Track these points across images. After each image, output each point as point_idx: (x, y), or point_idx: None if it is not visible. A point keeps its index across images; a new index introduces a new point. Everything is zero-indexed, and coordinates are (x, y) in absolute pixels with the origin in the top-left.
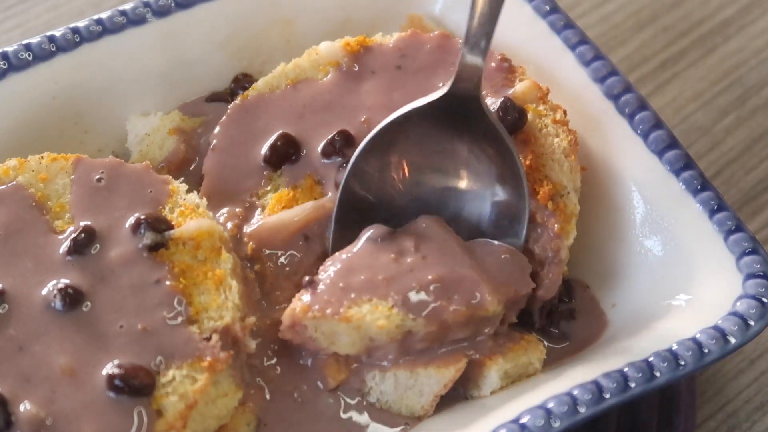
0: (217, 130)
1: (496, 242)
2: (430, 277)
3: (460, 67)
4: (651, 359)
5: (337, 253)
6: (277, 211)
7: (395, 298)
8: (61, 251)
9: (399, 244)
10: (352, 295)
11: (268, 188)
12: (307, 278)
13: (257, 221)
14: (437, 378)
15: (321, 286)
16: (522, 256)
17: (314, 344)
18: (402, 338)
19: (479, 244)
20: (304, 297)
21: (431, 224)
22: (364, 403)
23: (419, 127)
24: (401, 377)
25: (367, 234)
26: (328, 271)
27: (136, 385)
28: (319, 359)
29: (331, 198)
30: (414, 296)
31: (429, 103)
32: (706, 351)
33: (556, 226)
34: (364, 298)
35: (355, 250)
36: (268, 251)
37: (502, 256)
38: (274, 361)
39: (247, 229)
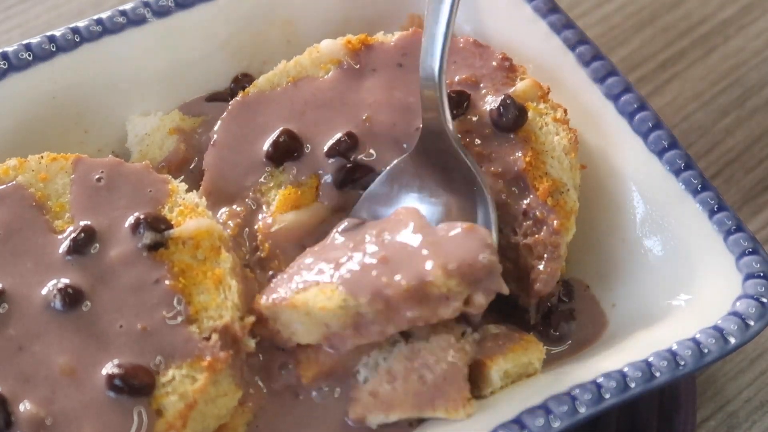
0: (217, 125)
1: (459, 222)
2: (376, 260)
3: (421, 98)
4: (651, 359)
5: (308, 248)
6: (285, 210)
7: (339, 280)
8: (60, 251)
9: (363, 232)
10: (302, 283)
11: (270, 184)
12: (271, 273)
13: (268, 219)
14: (444, 416)
15: (277, 279)
16: (483, 230)
17: (279, 338)
18: (354, 322)
19: (444, 226)
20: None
21: (405, 213)
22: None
23: (408, 173)
24: (406, 416)
25: (336, 227)
26: (292, 265)
27: (135, 385)
28: (293, 358)
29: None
30: (356, 276)
31: (410, 153)
32: (705, 351)
33: (555, 222)
34: (312, 283)
35: (325, 243)
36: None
37: (461, 232)
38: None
39: (261, 226)
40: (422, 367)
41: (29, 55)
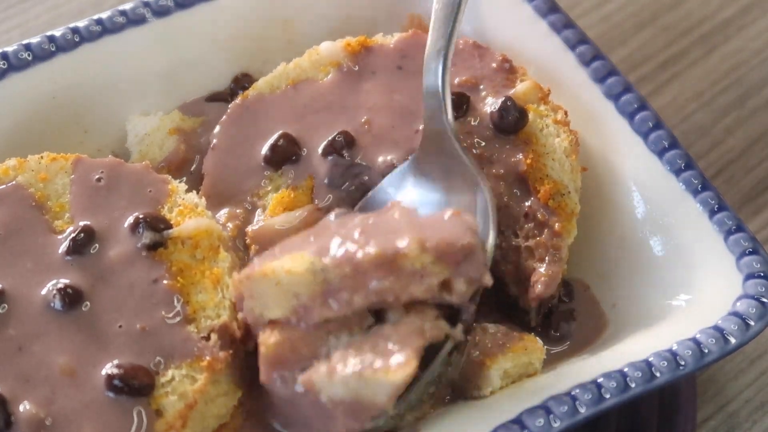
0: (217, 129)
1: (447, 209)
2: (355, 234)
3: (424, 99)
4: (651, 359)
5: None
6: (278, 212)
7: (313, 248)
8: (60, 251)
9: (350, 219)
10: (277, 255)
11: (269, 188)
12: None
13: (259, 222)
14: (387, 384)
15: (255, 258)
16: (470, 217)
17: (253, 316)
18: (322, 290)
19: (430, 214)
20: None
21: (395, 206)
22: None
23: (409, 177)
24: (352, 383)
25: (327, 216)
26: (275, 246)
27: (135, 385)
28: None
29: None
30: (330, 246)
31: (412, 157)
32: (705, 351)
33: (556, 224)
34: (285, 254)
35: (311, 228)
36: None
37: (445, 216)
38: None
39: (250, 229)
40: (379, 338)
41: (29, 55)
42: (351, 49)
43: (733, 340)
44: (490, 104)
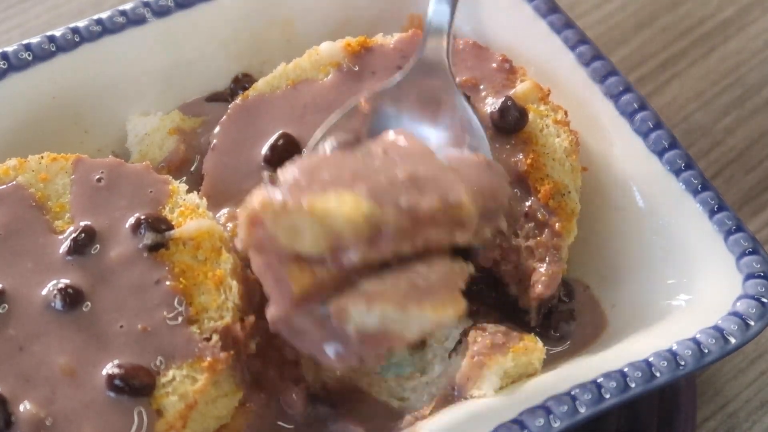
0: (217, 129)
1: (470, 153)
2: (401, 174)
3: (426, 25)
4: (651, 359)
5: (297, 159)
6: None
7: (363, 189)
8: (61, 251)
9: (365, 148)
10: (316, 188)
11: None
12: (265, 174)
13: None
14: (430, 319)
15: (282, 181)
16: (499, 166)
17: (273, 245)
18: (370, 235)
19: (455, 154)
20: (264, 191)
21: (400, 133)
22: None
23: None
24: (389, 314)
25: (330, 140)
26: (289, 170)
27: (136, 385)
28: (280, 268)
29: None
30: (384, 187)
31: (399, 82)
32: (705, 351)
33: (557, 224)
34: (329, 189)
35: (320, 155)
36: None
37: (480, 162)
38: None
39: None
40: (416, 276)
41: (29, 55)
42: (351, 49)
43: (733, 340)
44: (491, 104)
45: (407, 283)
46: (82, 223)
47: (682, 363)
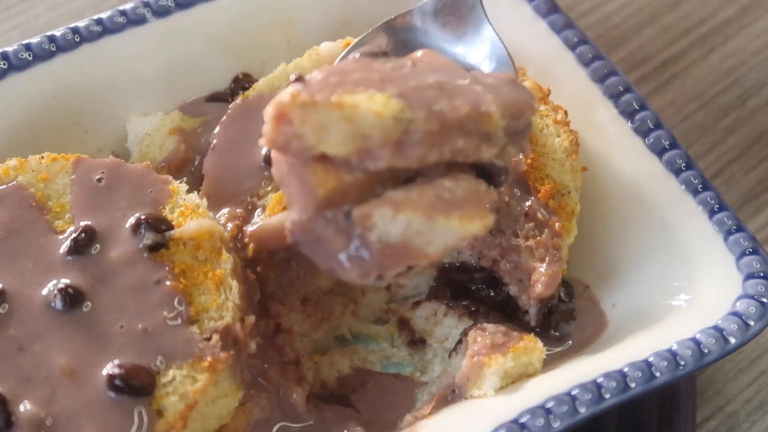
0: (217, 130)
1: (494, 72)
2: (430, 81)
3: None
4: (651, 359)
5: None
6: (277, 211)
7: (393, 91)
8: (61, 251)
9: (393, 60)
10: (346, 87)
11: (269, 188)
12: (293, 75)
13: (257, 222)
14: (457, 231)
15: (311, 79)
16: (524, 86)
17: (299, 144)
18: (398, 138)
19: (479, 72)
20: (292, 87)
21: (427, 51)
22: None
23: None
24: (415, 223)
25: (356, 50)
26: (319, 71)
27: (136, 385)
28: (305, 169)
29: None
30: (414, 91)
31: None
32: (705, 351)
33: (557, 224)
34: (360, 88)
35: (345, 63)
36: (269, 252)
37: (509, 79)
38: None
39: (248, 229)
40: (442, 189)
41: (29, 55)
42: None
43: (732, 340)
44: None
45: (434, 195)
46: (83, 223)
47: (682, 363)
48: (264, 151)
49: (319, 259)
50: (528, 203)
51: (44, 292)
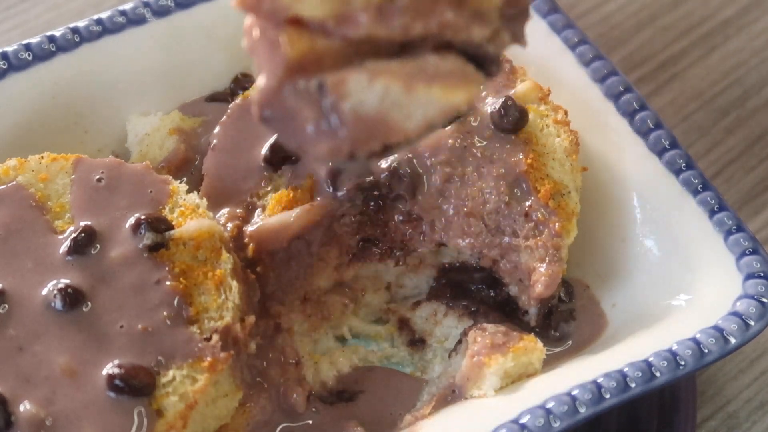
0: (217, 129)
1: None
2: None
3: None
4: (651, 359)
5: None
6: (277, 211)
7: None
8: (61, 251)
9: None
10: None
11: (269, 188)
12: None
13: (257, 222)
14: (437, 102)
15: None
16: None
17: (272, 4)
18: (381, 2)
19: None
20: None
21: None
22: None
23: None
24: (393, 92)
25: None
26: None
27: (136, 385)
28: (276, 32)
29: (326, 200)
30: None
31: None
32: (705, 351)
33: (557, 224)
34: None
35: None
36: (269, 252)
37: None
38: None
39: (248, 229)
40: (426, 63)
41: (29, 55)
42: None
43: (733, 340)
44: (491, 104)
45: (416, 66)
46: (83, 223)
47: (682, 363)
48: (264, 151)
49: (288, 137)
50: (528, 203)
51: (44, 292)
